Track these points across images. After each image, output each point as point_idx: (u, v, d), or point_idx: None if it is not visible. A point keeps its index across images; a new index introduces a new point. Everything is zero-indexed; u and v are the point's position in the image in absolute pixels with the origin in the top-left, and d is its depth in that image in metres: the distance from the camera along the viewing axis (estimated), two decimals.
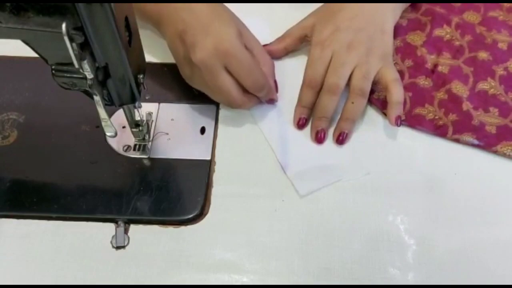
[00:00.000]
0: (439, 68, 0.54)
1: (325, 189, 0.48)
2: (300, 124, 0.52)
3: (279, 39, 0.56)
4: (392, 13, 0.54)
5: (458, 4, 0.59)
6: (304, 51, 0.57)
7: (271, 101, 0.53)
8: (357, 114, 0.51)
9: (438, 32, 0.57)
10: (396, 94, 0.50)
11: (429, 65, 0.55)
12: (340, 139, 0.51)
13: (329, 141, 0.51)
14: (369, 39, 0.51)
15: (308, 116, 0.52)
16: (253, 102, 0.51)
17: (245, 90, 0.49)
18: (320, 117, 0.51)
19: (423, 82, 0.54)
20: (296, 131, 0.52)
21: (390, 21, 0.54)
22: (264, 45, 0.55)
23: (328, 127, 0.51)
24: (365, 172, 0.49)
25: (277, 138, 0.51)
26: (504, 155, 0.50)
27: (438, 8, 0.59)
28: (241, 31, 0.48)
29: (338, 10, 0.53)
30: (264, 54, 0.52)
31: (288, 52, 0.56)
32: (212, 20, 0.46)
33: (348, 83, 0.51)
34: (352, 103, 0.50)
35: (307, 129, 0.52)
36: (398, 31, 0.58)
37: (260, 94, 0.50)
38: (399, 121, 0.50)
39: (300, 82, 0.53)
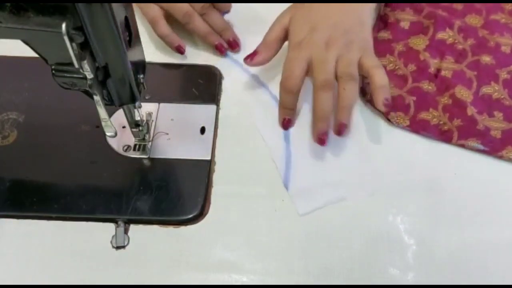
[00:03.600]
0: (443, 72, 0.54)
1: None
2: (285, 124, 0.51)
3: (265, 46, 0.53)
4: (370, 4, 0.53)
5: (460, 7, 0.59)
6: None
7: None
8: (352, 100, 0.49)
9: (440, 35, 0.57)
10: (379, 78, 0.48)
11: (432, 70, 0.55)
12: (340, 131, 0.48)
13: (333, 156, 0.50)
14: (346, 33, 0.50)
15: (292, 116, 0.51)
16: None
17: None
18: (320, 118, 0.49)
19: (427, 86, 0.54)
20: (300, 146, 0.51)
21: (368, 11, 0.52)
22: (253, 54, 0.53)
23: (330, 127, 0.50)
24: (370, 193, 0.48)
25: (281, 154, 0.50)
26: (509, 160, 0.50)
27: (440, 11, 0.58)
28: None
29: (313, 11, 0.52)
30: None
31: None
32: None
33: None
34: (344, 89, 0.48)
35: (310, 141, 0.51)
36: (400, 34, 0.57)
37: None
38: (388, 104, 0.48)
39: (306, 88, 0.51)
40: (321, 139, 0.49)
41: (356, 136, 0.52)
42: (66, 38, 0.33)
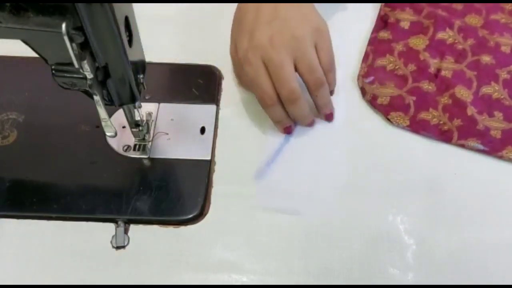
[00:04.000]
0: (443, 72, 0.54)
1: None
2: (287, 131, 0.51)
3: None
4: None
5: (460, 7, 0.59)
6: None
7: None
8: (328, 98, 0.50)
9: (440, 35, 0.57)
10: (322, 99, 0.49)
11: (432, 70, 0.55)
12: (329, 119, 0.52)
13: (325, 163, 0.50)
14: (286, 24, 0.46)
15: (290, 123, 0.50)
16: None
17: None
18: (301, 118, 0.50)
19: (427, 86, 0.54)
20: (296, 148, 0.51)
21: None
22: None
23: (312, 117, 0.51)
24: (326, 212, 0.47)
25: (272, 149, 0.50)
26: (509, 160, 0.50)
27: (440, 11, 0.59)
28: None
29: (244, 17, 0.49)
30: None
31: None
32: None
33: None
34: (317, 96, 0.49)
35: (310, 145, 0.51)
36: (400, 34, 0.58)
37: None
38: (331, 118, 0.52)
39: None
40: (310, 124, 0.51)
41: (355, 136, 0.52)
42: (66, 38, 0.33)
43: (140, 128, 0.48)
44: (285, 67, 0.46)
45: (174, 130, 0.51)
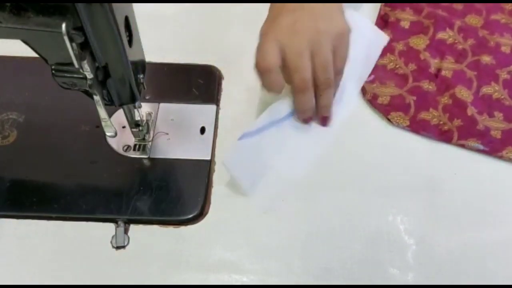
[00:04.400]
0: (443, 72, 0.54)
1: (325, 189, 0.48)
2: (308, 121, 0.51)
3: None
4: None
5: (460, 7, 0.59)
6: None
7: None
8: (330, 101, 0.50)
9: (441, 35, 0.57)
10: (325, 99, 0.49)
11: (432, 69, 0.55)
12: (324, 123, 0.51)
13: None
14: (310, 14, 0.46)
15: (311, 114, 0.50)
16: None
17: None
18: (302, 113, 0.50)
19: (427, 86, 0.54)
20: (287, 134, 0.50)
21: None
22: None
23: (314, 111, 0.50)
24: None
25: (261, 122, 0.49)
26: (509, 160, 0.50)
27: (440, 11, 0.59)
28: None
29: (271, 7, 0.48)
30: None
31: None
32: None
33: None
34: (321, 95, 0.49)
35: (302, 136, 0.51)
36: (400, 34, 0.58)
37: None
38: (327, 122, 0.51)
39: None
40: (306, 121, 0.51)
41: (355, 136, 0.52)
42: (66, 38, 0.33)
43: (140, 128, 0.48)
44: (304, 56, 0.45)
45: (174, 130, 0.51)
